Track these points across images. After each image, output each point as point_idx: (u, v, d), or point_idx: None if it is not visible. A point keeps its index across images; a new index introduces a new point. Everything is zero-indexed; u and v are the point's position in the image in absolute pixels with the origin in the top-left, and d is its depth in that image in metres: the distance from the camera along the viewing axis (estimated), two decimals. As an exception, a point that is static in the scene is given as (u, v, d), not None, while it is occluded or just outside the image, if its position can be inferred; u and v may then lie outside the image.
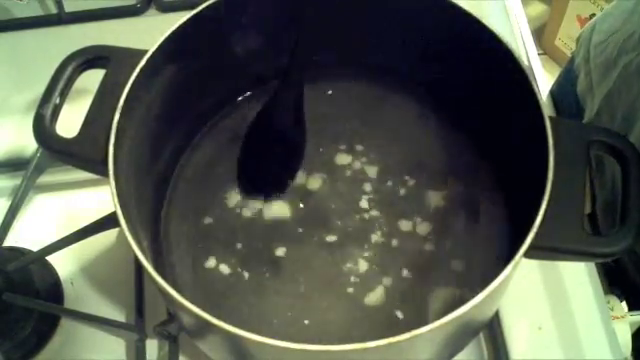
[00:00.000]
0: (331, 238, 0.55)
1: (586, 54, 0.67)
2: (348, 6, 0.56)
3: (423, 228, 0.55)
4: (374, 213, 0.56)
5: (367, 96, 0.62)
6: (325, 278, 0.54)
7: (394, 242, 0.55)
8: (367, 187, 0.58)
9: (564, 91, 0.74)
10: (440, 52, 0.55)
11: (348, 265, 0.54)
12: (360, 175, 0.58)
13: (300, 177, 0.58)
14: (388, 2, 0.55)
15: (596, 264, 0.60)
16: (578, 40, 0.71)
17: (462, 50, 0.53)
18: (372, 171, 0.58)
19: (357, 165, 0.59)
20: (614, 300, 0.69)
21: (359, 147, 0.59)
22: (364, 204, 0.57)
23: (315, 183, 0.58)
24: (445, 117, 0.60)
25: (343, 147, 0.60)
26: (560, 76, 0.77)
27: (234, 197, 0.58)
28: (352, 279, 0.53)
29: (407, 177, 0.58)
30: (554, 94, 0.73)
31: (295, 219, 0.56)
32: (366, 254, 0.54)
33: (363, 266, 0.54)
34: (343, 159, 0.59)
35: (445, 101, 0.60)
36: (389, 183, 0.58)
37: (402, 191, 0.57)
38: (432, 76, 0.59)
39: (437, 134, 0.60)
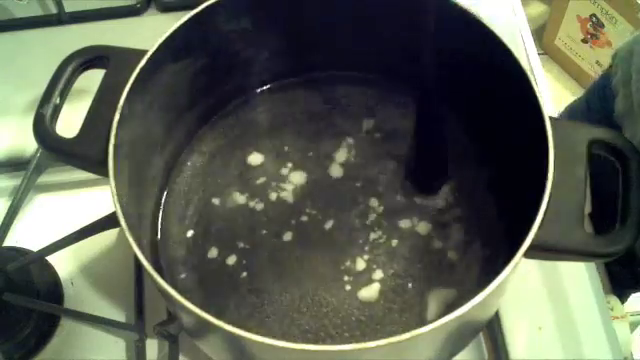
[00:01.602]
0: (330, 237, 0.55)
1: (626, 76, 0.67)
2: (344, 7, 0.56)
3: (423, 228, 0.55)
4: (373, 212, 0.56)
5: (367, 97, 0.62)
6: (323, 275, 0.54)
7: (393, 242, 0.55)
8: (366, 186, 0.58)
9: (594, 107, 0.73)
10: (440, 52, 0.55)
11: (347, 263, 0.54)
12: (360, 173, 0.58)
13: (300, 176, 0.59)
14: (386, 2, 0.55)
15: (596, 264, 0.60)
16: (613, 59, 0.70)
17: (461, 50, 0.53)
18: (372, 170, 0.58)
19: (356, 164, 0.59)
20: (614, 300, 0.69)
21: (360, 147, 0.60)
22: (363, 203, 0.57)
23: (316, 182, 0.58)
24: (444, 117, 0.60)
25: (343, 146, 0.60)
26: (589, 93, 0.77)
27: (234, 196, 0.58)
28: (349, 277, 0.53)
29: (407, 177, 0.58)
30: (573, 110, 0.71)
31: (295, 217, 0.56)
32: (365, 252, 0.54)
33: (361, 264, 0.54)
34: (342, 157, 0.59)
35: (444, 101, 0.59)
36: (389, 182, 0.58)
37: (402, 190, 0.57)
38: (431, 78, 0.59)
39: (436, 134, 0.60)
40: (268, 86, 0.63)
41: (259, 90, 0.63)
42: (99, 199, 0.60)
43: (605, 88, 0.72)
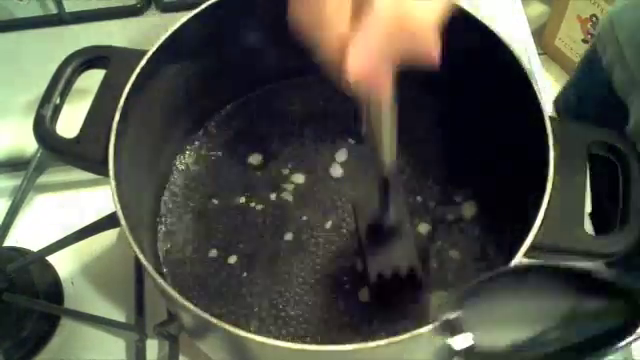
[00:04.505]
0: (331, 237, 0.55)
1: (616, 49, 0.66)
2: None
3: (423, 228, 0.55)
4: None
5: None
6: (323, 275, 0.54)
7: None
8: (366, 186, 0.58)
9: (585, 96, 0.71)
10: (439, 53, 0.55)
11: (347, 264, 0.54)
12: (360, 173, 0.58)
13: (300, 176, 0.59)
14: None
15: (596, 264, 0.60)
16: (598, 40, 0.70)
17: (462, 50, 0.53)
18: (373, 171, 0.58)
19: (356, 164, 0.59)
20: (614, 300, 0.69)
21: (360, 147, 0.60)
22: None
23: (316, 182, 0.58)
24: (445, 117, 0.60)
25: (344, 147, 0.60)
26: (576, 84, 0.75)
27: (234, 196, 0.58)
28: (349, 277, 0.53)
29: (407, 178, 0.58)
30: (562, 103, 0.70)
31: (295, 217, 0.57)
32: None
33: (361, 264, 0.54)
34: (342, 157, 0.59)
35: (445, 101, 0.60)
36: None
37: (402, 190, 0.57)
38: (431, 77, 0.59)
39: (437, 134, 0.60)
40: (268, 86, 0.63)
41: (259, 90, 0.63)
42: (99, 199, 0.60)
43: (593, 72, 0.71)
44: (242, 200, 0.58)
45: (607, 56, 0.67)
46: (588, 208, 0.60)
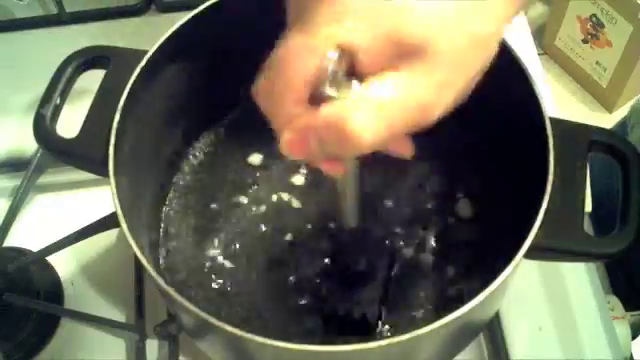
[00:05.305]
0: (331, 237, 0.55)
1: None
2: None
3: (422, 229, 0.55)
4: (373, 212, 0.56)
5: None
6: (324, 274, 0.54)
7: (395, 238, 0.55)
8: (366, 187, 0.58)
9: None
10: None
11: (348, 264, 0.54)
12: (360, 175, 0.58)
13: (300, 177, 0.58)
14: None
15: (596, 264, 0.60)
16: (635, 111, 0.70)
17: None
18: (372, 172, 0.58)
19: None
20: (614, 300, 0.69)
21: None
22: (363, 203, 0.57)
23: (316, 182, 0.58)
24: (444, 118, 0.60)
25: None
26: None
27: (234, 197, 0.58)
28: (350, 278, 0.53)
29: (407, 179, 0.58)
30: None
31: (295, 218, 0.56)
32: (365, 253, 0.54)
33: (362, 264, 0.54)
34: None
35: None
36: (389, 184, 0.58)
37: (402, 192, 0.57)
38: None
39: (435, 135, 0.60)
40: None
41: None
42: (99, 199, 0.60)
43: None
44: (242, 200, 0.58)
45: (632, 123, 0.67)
46: (588, 208, 0.60)
